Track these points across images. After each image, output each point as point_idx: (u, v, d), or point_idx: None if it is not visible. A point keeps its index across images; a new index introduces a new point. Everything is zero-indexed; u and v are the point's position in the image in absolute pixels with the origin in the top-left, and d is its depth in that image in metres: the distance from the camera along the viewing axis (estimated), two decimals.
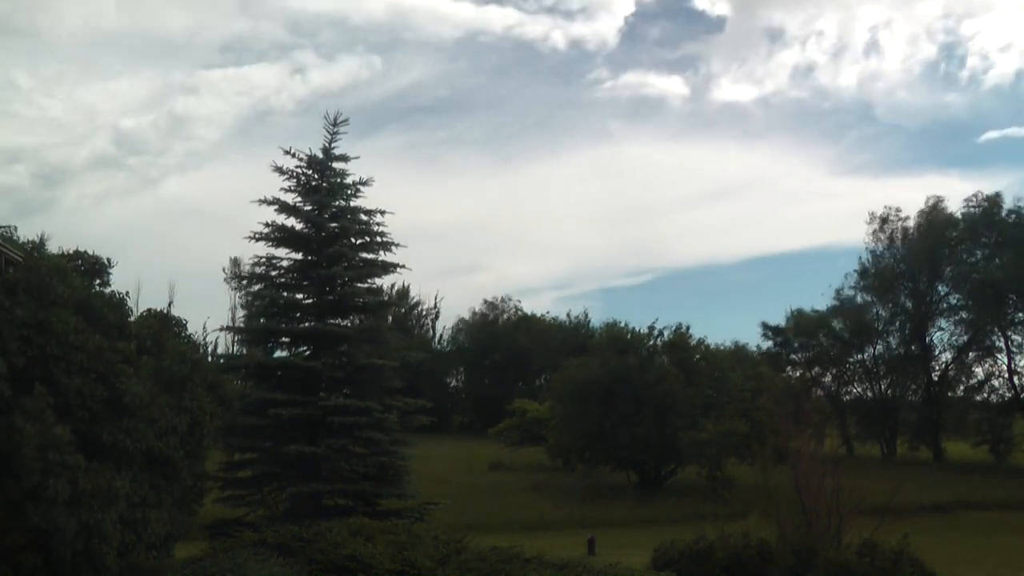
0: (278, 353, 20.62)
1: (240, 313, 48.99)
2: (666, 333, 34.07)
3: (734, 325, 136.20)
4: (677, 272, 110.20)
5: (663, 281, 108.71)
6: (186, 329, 17.39)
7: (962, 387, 44.85)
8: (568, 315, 72.87)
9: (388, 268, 20.77)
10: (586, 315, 72.68)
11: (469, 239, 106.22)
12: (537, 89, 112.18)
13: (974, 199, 42.03)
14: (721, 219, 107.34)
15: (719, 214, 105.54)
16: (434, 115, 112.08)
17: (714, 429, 29.46)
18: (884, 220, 46.33)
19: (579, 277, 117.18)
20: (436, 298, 75.55)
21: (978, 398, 43.68)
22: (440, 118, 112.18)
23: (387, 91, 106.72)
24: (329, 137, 20.45)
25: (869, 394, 47.76)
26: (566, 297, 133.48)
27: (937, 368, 45.36)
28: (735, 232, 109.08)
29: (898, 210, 46.12)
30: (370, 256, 20.52)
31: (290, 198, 20.17)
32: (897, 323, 46.36)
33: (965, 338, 43.78)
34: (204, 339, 53.74)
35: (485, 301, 71.99)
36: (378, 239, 20.53)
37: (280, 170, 20.07)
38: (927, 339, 45.35)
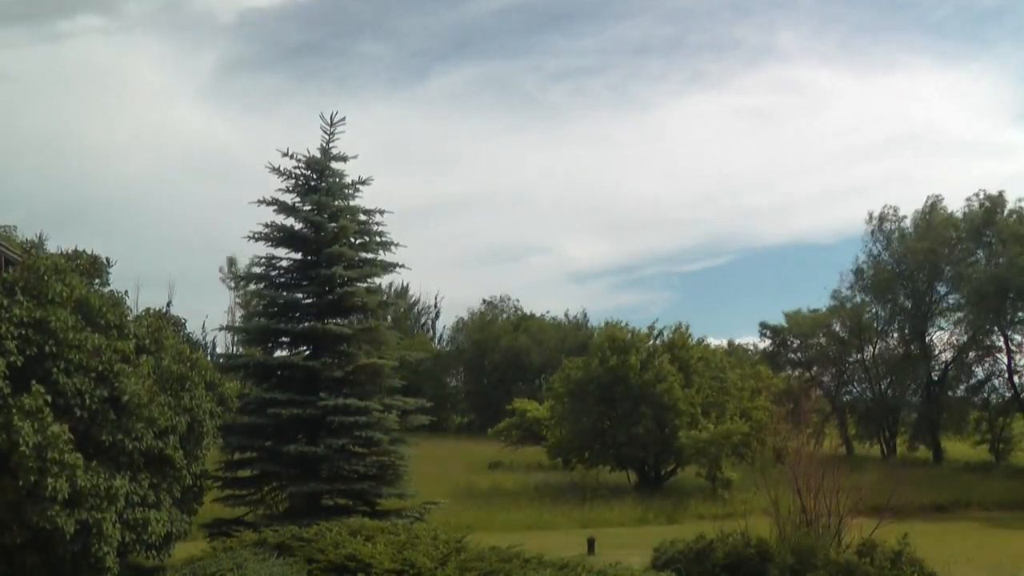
0: (277, 353, 20.59)
1: (239, 312, 49.06)
2: (666, 333, 34.23)
3: None
4: (760, 252, 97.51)
5: (743, 262, 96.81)
6: (185, 328, 17.42)
7: (962, 387, 44.76)
8: (566, 314, 72.98)
9: (387, 267, 20.77)
10: (584, 314, 72.81)
11: (541, 209, 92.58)
12: None
13: (975, 198, 42.10)
14: (855, 182, 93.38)
15: (855, 176, 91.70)
16: (530, 34, 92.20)
17: (714, 429, 29.49)
18: (882, 219, 46.37)
19: (650, 258, 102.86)
20: (436, 297, 75.77)
21: (978, 398, 43.62)
22: (541, 36, 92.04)
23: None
24: (327, 137, 20.39)
25: (868, 394, 47.72)
26: (628, 282, 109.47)
27: (937, 368, 45.32)
28: (859, 198, 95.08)
29: (896, 209, 46.26)
30: (369, 255, 20.51)
31: (289, 198, 20.14)
32: (896, 323, 46.34)
33: (965, 338, 43.75)
34: (203, 338, 53.92)
35: (484, 301, 72.13)
36: (377, 238, 20.52)
37: (278, 171, 20.02)
38: (927, 339, 45.33)
